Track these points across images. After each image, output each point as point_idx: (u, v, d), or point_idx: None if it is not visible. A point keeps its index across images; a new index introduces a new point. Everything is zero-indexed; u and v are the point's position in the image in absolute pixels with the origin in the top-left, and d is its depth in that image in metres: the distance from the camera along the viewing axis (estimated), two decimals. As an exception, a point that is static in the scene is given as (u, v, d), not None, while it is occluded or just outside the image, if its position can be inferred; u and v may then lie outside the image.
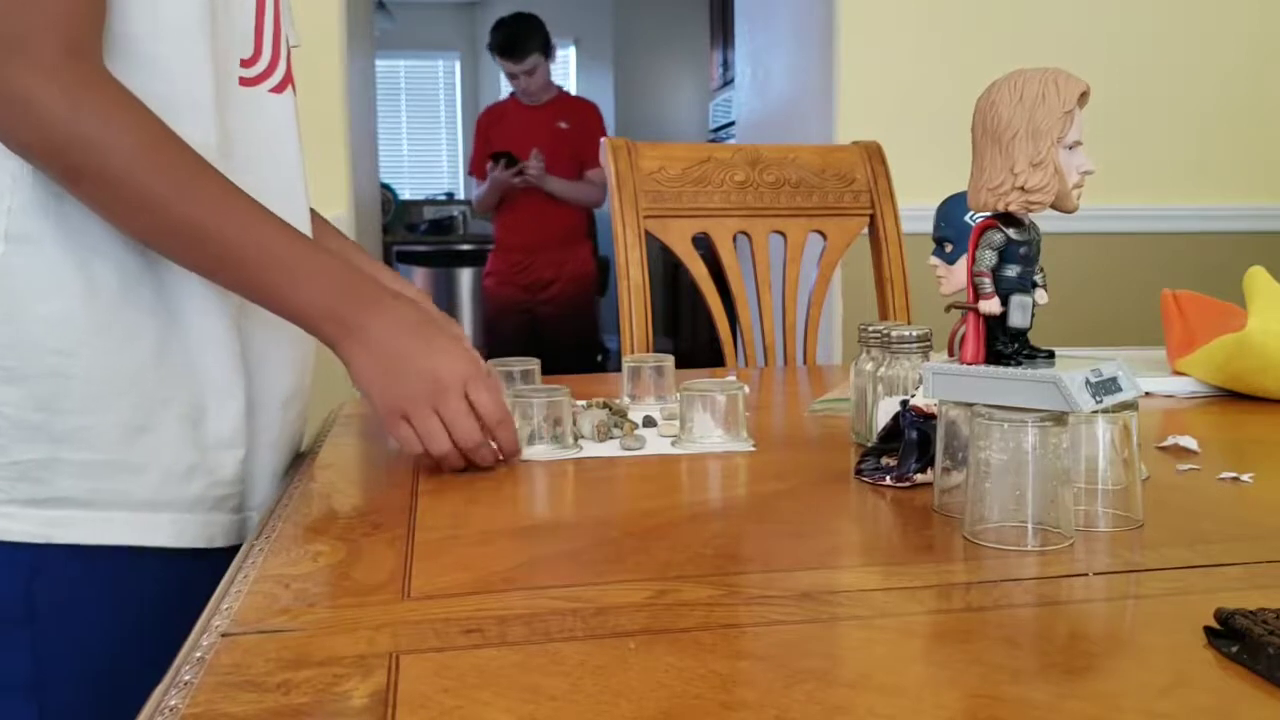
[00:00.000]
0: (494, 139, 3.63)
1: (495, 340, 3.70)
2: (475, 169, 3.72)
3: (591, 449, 0.91)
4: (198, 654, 0.51)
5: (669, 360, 1.12)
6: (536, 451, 0.89)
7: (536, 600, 0.57)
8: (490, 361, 1.07)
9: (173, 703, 0.46)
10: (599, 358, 4.09)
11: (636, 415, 1.01)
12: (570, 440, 0.91)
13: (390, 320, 0.83)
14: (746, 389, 0.95)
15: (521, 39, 3.49)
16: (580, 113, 3.69)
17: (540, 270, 3.68)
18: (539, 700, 0.45)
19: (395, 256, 5.51)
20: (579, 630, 0.53)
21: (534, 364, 1.08)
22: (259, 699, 0.46)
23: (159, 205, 0.77)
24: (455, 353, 0.84)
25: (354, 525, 0.72)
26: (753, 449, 0.91)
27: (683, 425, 0.93)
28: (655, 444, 0.93)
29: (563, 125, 3.59)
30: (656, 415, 1.01)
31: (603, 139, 1.63)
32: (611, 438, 0.94)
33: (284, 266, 0.81)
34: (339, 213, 2.19)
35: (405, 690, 0.46)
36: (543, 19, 3.58)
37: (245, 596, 0.58)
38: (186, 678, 0.48)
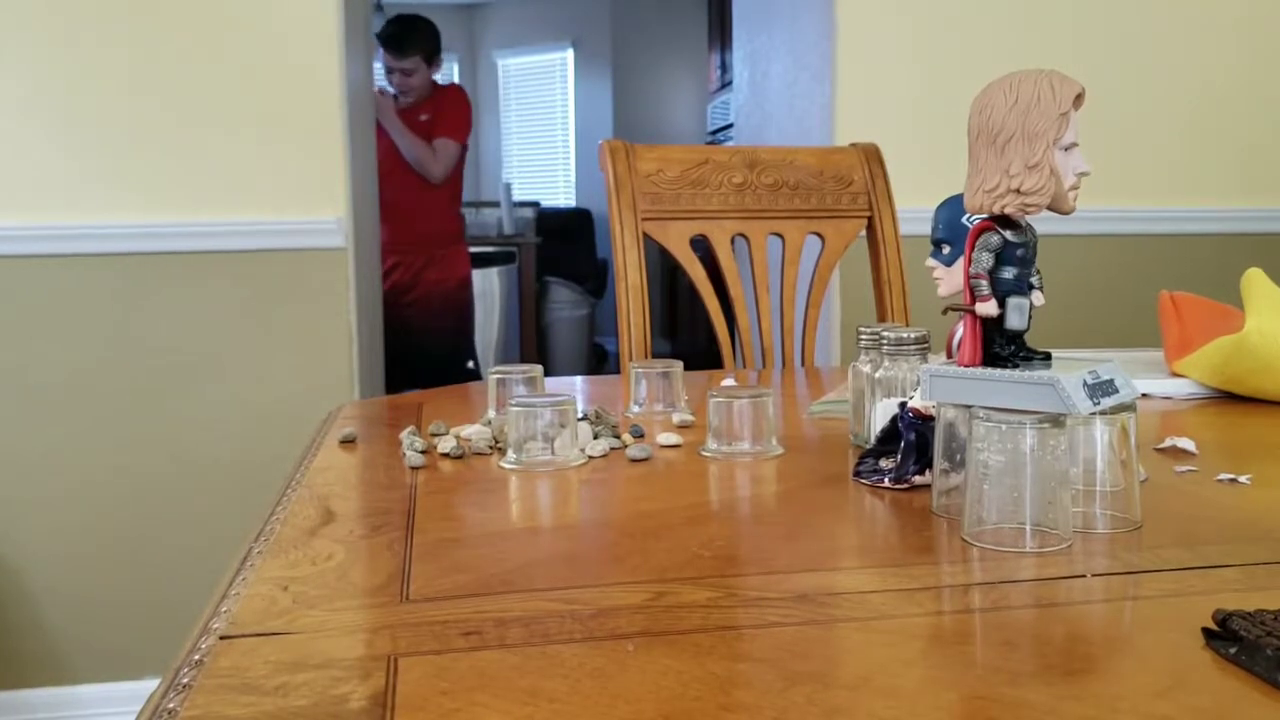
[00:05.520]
0: None
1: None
2: None
3: (592, 458, 0.90)
4: (195, 656, 0.51)
5: (678, 366, 1.10)
6: (536, 462, 0.87)
7: (535, 602, 0.57)
8: (491, 369, 1.07)
9: (170, 705, 0.46)
10: (470, 364, 4.00)
11: (630, 424, 0.99)
12: (573, 450, 0.89)
13: None
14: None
15: (407, 38, 3.53)
16: (441, 99, 3.67)
17: (401, 274, 3.61)
18: (537, 702, 0.45)
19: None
20: (577, 632, 0.53)
21: (537, 370, 1.07)
22: (257, 702, 0.46)
23: None
24: None
25: (352, 527, 0.72)
26: (781, 452, 0.91)
27: (711, 432, 0.92)
28: (657, 453, 0.92)
29: (423, 118, 3.58)
30: (643, 424, 0.99)
31: (601, 141, 1.63)
32: (616, 447, 0.93)
33: None
34: (337, 215, 2.19)
35: (404, 693, 0.46)
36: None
37: (243, 599, 0.58)
38: (184, 680, 0.48)
